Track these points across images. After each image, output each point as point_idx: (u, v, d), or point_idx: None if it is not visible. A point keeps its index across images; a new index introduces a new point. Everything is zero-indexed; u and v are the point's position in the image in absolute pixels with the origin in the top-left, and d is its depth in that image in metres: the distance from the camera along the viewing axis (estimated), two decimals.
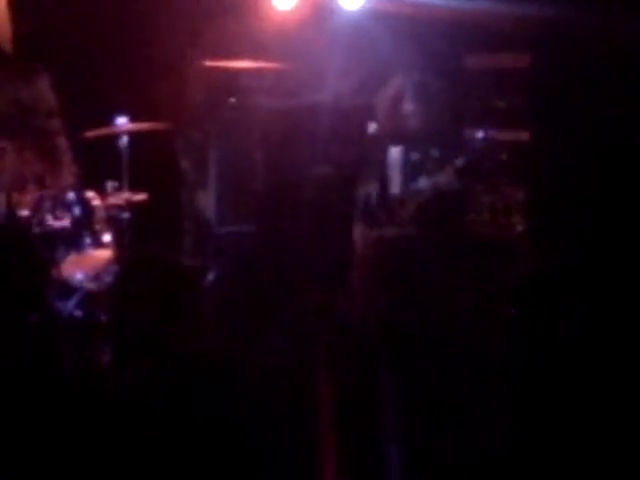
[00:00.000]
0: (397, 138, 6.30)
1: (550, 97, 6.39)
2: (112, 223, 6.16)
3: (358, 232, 6.08)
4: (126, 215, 6.21)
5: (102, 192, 6.19)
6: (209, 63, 7.08)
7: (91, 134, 6.17)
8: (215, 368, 2.92)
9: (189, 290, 2.92)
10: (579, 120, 6.16)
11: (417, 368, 3.02)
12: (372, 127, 6.62)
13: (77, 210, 6.04)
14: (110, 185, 6.23)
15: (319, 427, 2.61)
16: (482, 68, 6.90)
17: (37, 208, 5.85)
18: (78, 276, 5.92)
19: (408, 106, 6.27)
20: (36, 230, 5.80)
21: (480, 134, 6.08)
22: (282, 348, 2.96)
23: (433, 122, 6.25)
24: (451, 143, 6.17)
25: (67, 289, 5.84)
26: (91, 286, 5.93)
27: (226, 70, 7.14)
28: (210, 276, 6.34)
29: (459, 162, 6.04)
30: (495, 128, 6.24)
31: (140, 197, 6.32)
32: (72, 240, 5.99)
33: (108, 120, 6.26)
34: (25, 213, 5.83)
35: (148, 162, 6.37)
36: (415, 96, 6.26)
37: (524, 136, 6.62)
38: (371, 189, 6.36)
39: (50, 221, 5.91)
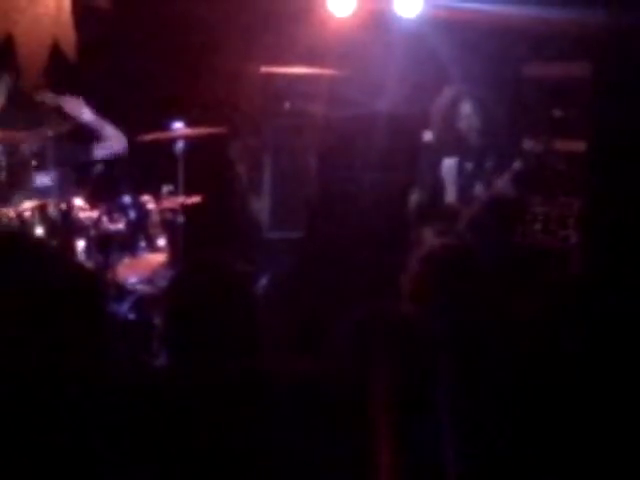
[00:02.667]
0: (452, 148, 6.27)
1: (608, 107, 6.33)
2: (167, 227, 6.21)
3: (413, 238, 6.07)
4: (181, 219, 6.26)
5: (157, 196, 6.24)
6: (265, 69, 7.11)
7: (148, 138, 6.22)
8: (271, 375, 2.90)
9: (244, 296, 2.91)
10: (638, 131, 6.09)
11: (475, 375, 3.00)
12: (427, 135, 6.59)
13: (132, 213, 6.10)
14: (165, 189, 6.28)
15: (376, 434, 2.61)
16: (540, 77, 6.84)
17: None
18: (132, 279, 5.98)
19: (462, 115, 6.23)
20: (92, 233, 5.87)
21: (537, 144, 6.02)
22: (338, 355, 2.95)
23: (489, 132, 6.21)
24: (507, 153, 6.12)
25: (121, 292, 5.90)
26: (145, 289, 5.99)
27: (282, 76, 7.17)
28: (262, 282, 6.37)
29: (517, 166, 5.98)
30: (552, 138, 6.18)
31: (195, 201, 6.36)
32: (127, 243, 6.04)
33: (165, 125, 6.30)
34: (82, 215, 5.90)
35: (203, 167, 6.41)
36: (470, 105, 6.21)
37: (580, 146, 6.56)
38: (422, 198, 6.34)
39: (105, 224, 5.97)
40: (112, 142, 6.38)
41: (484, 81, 6.46)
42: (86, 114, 6.26)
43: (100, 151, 6.37)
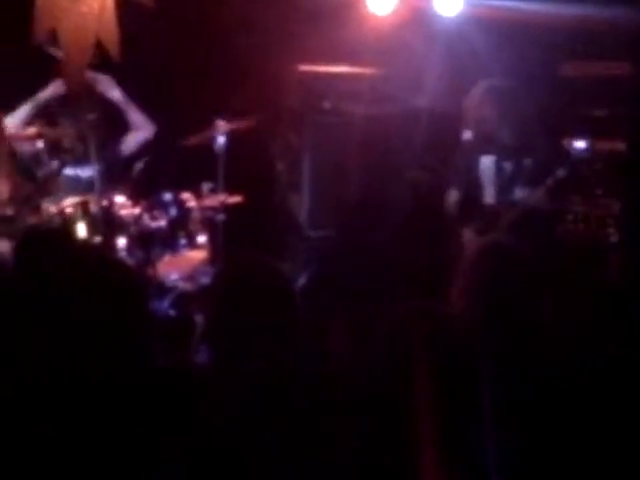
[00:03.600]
0: (486, 146, 6.22)
1: None
2: (207, 224, 6.25)
3: (453, 238, 6.05)
4: (221, 217, 6.29)
5: (198, 194, 6.28)
6: (306, 68, 7.13)
7: (191, 141, 6.25)
8: (312, 373, 2.93)
9: (285, 295, 2.93)
10: None
11: (520, 376, 2.99)
12: (467, 134, 6.56)
13: (173, 211, 6.15)
14: (206, 187, 6.32)
15: (419, 435, 2.61)
16: (579, 76, 6.81)
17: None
18: (173, 276, 6.03)
19: (492, 113, 6.15)
20: (133, 230, 5.92)
21: (578, 144, 5.97)
22: (380, 355, 2.95)
23: (523, 131, 6.16)
24: (546, 154, 6.08)
25: (162, 289, 5.95)
26: (185, 286, 6.04)
27: (323, 75, 7.19)
28: (301, 280, 6.39)
29: (561, 173, 5.92)
30: (592, 137, 6.13)
31: (235, 199, 6.39)
32: (168, 240, 6.10)
33: (206, 122, 6.34)
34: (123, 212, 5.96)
35: (244, 164, 6.44)
36: (501, 103, 6.15)
37: (621, 146, 6.52)
38: (460, 196, 6.31)
39: (147, 221, 6.02)
40: (141, 131, 6.44)
41: (522, 79, 6.43)
42: (116, 93, 6.32)
43: (130, 144, 6.43)
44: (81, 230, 5.76)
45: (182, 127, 6.33)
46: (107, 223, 5.85)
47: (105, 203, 5.87)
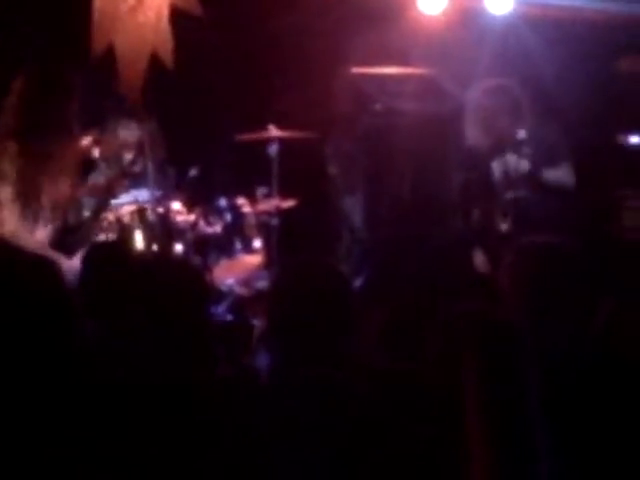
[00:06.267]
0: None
1: None
2: (262, 229, 6.29)
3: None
4: (276, 221, 6.32)
5: (252, 198, 6.32)
6: (356, 70, 7.12)
7: (242, 138, 6.29)
8: (369, 374, 2.92)
9: (344, 297, 2.93)
10: None
11: (570, 382, 2.92)
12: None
13: (228, 216, 6.20)
14: (260, 191, 6.35)
15: (470, 435, 2.59)
16: (635, 71, 6.74)
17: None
18: (229, 281, 6.07)
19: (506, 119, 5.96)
20: (189, 236, 5.97)
21: (632, 138, 5.91)
22: (430, 355, 2.94)
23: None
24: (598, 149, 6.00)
25: (218, 294, 5.99)
26: (241, 291, 6.07)
27: (373, 76, 7.18)
28: (357, 282, 6.39)
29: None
30: None
31: (289, 203, 6.42)
32: (223, 245, 6.15)
33: (259, 128, 6.37)
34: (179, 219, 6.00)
35: (297, 169, 6.46)
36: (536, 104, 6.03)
37: None
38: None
39: (202, 227, 6.07)
40: None
41: (574, 76, 6.36)
42: None
43: None
44: (138, 238, 5.81)
45: (235, 132, 6.36)
46: (164, 230, 5.89)
47: (161, 210, 5.92)
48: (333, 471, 2.59)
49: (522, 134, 5.65)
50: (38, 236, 4.83)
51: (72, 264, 4.37)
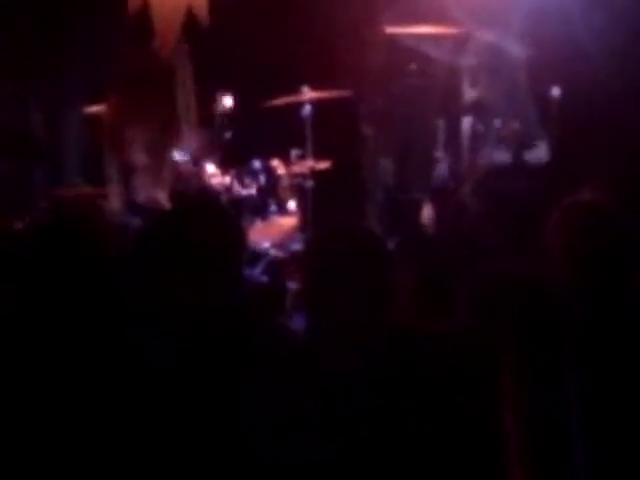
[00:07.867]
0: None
1: None
2: (296, 191, 6.28)
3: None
4: (310, 183, 6.32)
5: (286, 160, 6.31)
6: (390, 29, 7.06)
7: (276, 102, 6.28)
8: (403, 334, 2.90)
9: (379, 259, 2.91)
10: None
11: (606, 355, 2.83)
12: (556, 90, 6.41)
13: (262, 178, 6.20)
14: (294, 153, 6.34)
15: (503, 397, 2.57)
16: None
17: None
18: (264, 243, 6.07)
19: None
20: (224, 198, 5.98)
21: None
22: (464, 314, 2.92)
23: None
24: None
25: (253, 256, 6.00)
26: (276, 253, 6.08)
27: (407, 36, 7.11)
28: (390, 244, 6.38)
29: None
30: None
31: (324, 165, 6.40)
32: (258, 208, 6.15)
33: (292, 89, 6.34)
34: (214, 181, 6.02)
35: (331, 130, 6.43)
36: None
37: None
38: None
39: (237, 189, 6.07)
40: None
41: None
42: None
43: None
44: None
45: (268, 93, 6.35)
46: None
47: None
48: (372, 431, 2.60)
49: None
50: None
51: None
